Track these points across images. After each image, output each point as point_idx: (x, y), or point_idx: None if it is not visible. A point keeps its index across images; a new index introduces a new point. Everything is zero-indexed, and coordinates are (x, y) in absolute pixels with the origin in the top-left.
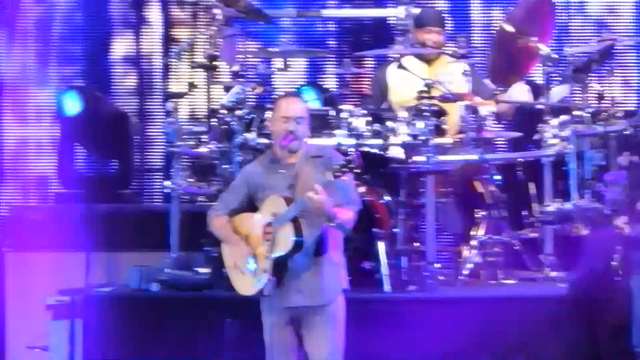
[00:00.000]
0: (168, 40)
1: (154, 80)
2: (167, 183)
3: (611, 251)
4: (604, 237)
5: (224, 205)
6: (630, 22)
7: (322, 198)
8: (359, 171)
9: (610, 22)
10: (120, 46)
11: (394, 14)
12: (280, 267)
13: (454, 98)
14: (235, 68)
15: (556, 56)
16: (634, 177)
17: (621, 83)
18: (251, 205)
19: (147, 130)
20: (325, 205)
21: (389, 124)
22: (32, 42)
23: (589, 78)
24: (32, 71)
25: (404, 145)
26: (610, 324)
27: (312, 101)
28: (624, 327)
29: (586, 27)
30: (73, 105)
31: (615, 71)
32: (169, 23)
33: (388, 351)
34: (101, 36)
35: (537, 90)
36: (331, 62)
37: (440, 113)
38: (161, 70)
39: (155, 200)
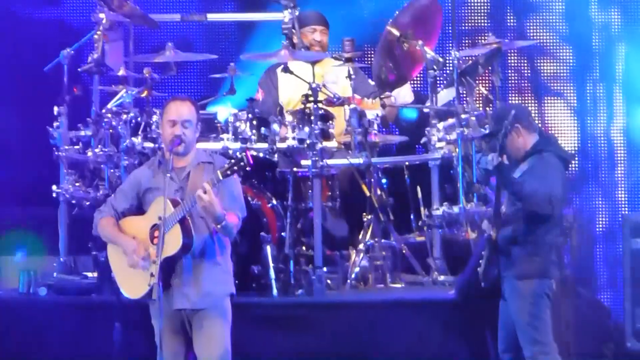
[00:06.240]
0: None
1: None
2: (54, 187)
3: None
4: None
5: (110, 208)
6: (516, 26)
7: (211, 197)
8: (249, 169)
9: (497, 26)
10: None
11: (278, 17)
12: (167, 269)
13: (340, 102)
14: (121, 72)
15: (442, 59)
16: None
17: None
18: (139, 209)
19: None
20: (215, 204)
21: (275, 127)
22: None
23: (475, 82)
24: None
25: (290, 150)
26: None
27: None
28: None
29: (473, 31)
30: None
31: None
32: None
33: (276, 355)
34: None
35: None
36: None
37: (326, 117)
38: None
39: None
